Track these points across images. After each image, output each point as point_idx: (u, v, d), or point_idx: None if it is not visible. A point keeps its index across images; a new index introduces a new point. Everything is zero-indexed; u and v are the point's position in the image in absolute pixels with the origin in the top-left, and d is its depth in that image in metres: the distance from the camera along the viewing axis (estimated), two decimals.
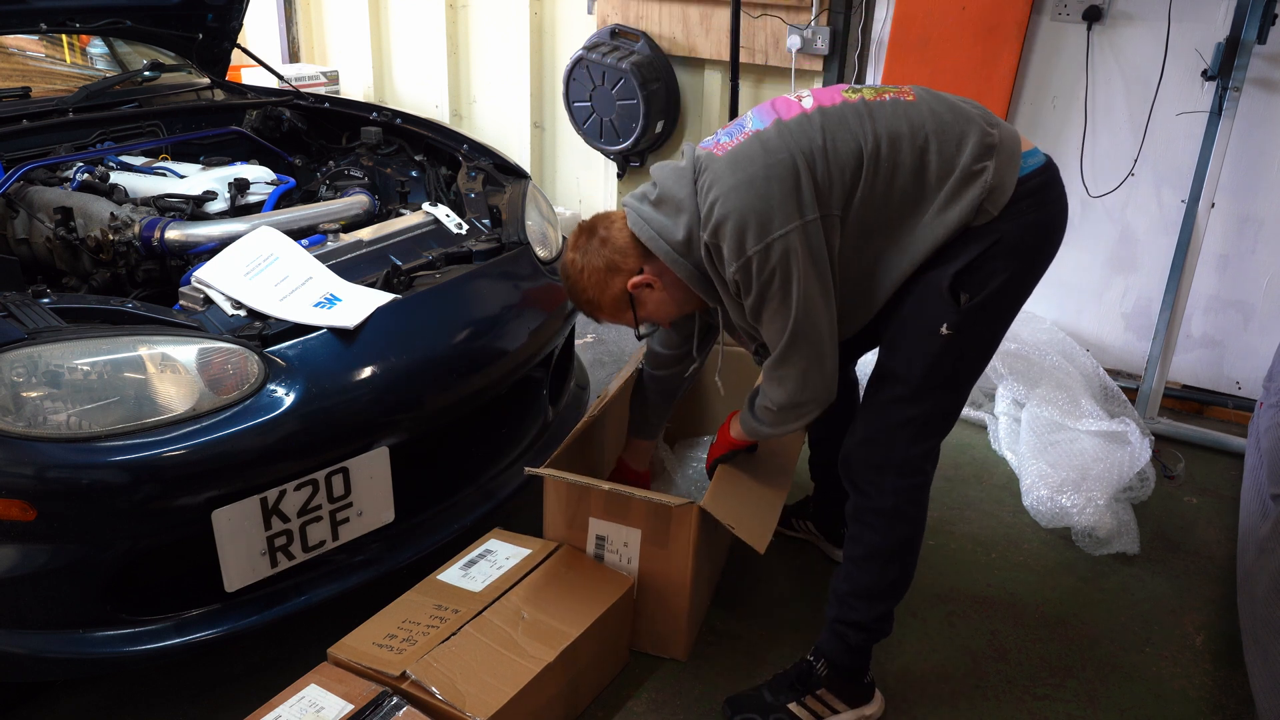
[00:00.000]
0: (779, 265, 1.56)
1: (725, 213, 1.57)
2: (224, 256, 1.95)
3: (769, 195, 1.56)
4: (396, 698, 1.60)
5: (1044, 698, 2.01)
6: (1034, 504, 2.61)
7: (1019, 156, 1.62)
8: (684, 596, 1.96)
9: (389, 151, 2.75)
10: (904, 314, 1.67)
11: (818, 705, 1.87)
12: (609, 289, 1.75)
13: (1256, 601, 1.89)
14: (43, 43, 2.94)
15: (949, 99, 1.67)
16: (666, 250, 1.68)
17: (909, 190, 1.60)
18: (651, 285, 1.74)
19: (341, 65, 5.08)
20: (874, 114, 1.61)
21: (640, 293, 1.76)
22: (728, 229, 1.57)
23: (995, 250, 1.60)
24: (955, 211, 1.58)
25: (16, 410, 1.55)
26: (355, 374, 1.81)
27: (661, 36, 3.89)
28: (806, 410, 1.74)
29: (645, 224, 1.69)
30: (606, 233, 1.75)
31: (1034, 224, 1.64)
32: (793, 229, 1.55)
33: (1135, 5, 3.01)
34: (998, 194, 1.58)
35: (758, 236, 1.56)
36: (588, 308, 1.82)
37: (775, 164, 1.57)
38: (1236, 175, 2.98)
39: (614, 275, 1.74)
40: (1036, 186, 1.63)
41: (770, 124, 1.62)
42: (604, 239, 1.74)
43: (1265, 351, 3.10)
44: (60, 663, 1.66)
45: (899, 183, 1.59)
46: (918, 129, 1.60)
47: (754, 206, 1.56)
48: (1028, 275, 1.69)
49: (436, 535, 2.01)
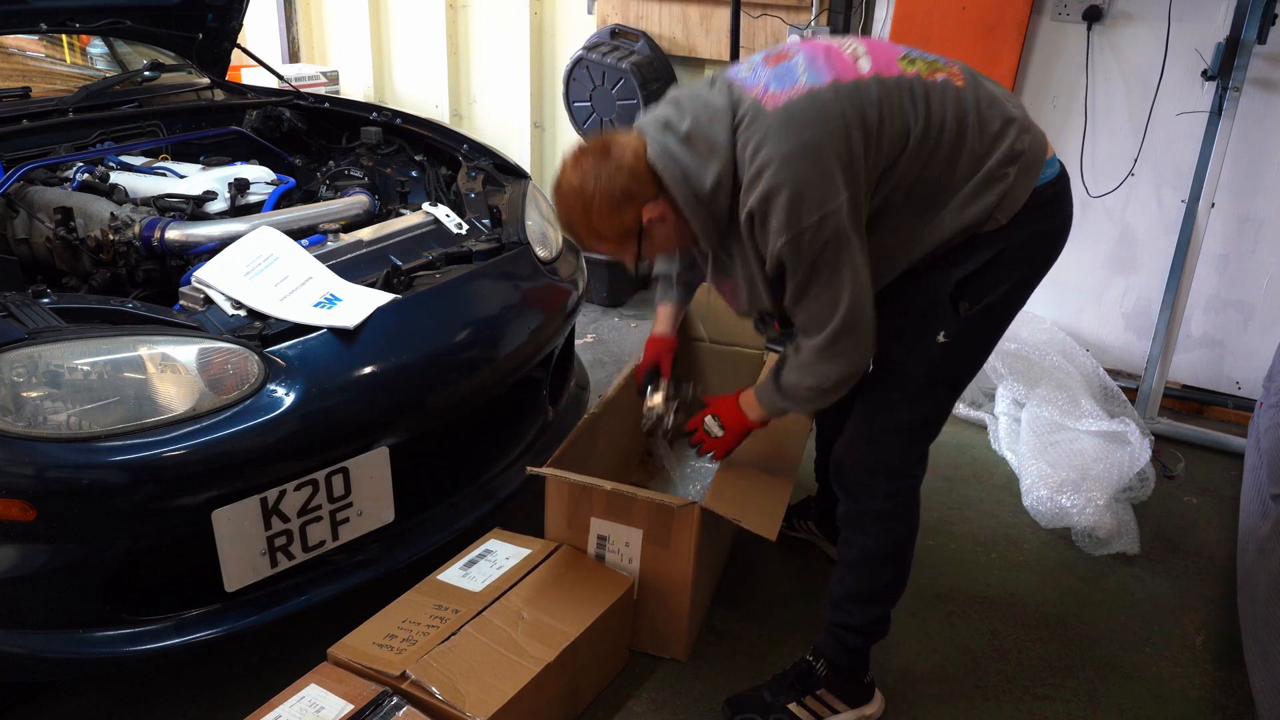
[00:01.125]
0: (832, 239, 1.48)
1: (779, 182, 1.46)
2: (224, 256, 1.95)
3: (826, 167, 1.47)
4: (396, 698, 1.60)
5: (1044, 698, 2.01)
6: (1034, 504, 2.61)
7: (1041, 165, 1.60)
8: (684, 596, 1.96)
9: (389, 151, 2.75)
10: (901, 318, 1.66)
11: (818, 705, 1.87)
12: (620, 218, 1.59)
13: (1256, 601, 1.89)
14: (43, 43, 2.94)
15: (995, 91, 1.61)
16: (688, 195, 1.54)
17: (937, 180, 1.56)
18: (664, 218, 1.61)
19: (341, 65, 5.08)
20: (929, 96, 1.54)
21: (652, 229, 1.62)
22: (781, 200, 1.46)
23: (1001, 259, 1.59)
24: (970, 212, 1.56)
25: (16, 410, 1.55)
26: (355, 374, 1.81)
27: (661, 36, 3.89)
28: (849, 384, 1.65)
29: (673, 161, 1.54)
30: (620, 156, 1.57)
31: (1040, 234, 1.63)
32: (844, 201, 1.48)
33: (1135, 5, 3.01)
34: (1010, 202, 1.57)
35: (814, 208, 1.46)
36: (589, 237, 1.64)
37: (833, 132, 1.47)
38: (1236, 175, 2.99)
39: (628, 204, 1.58)
40: (1049, 198, 1.62)
41: (827, 83, 1.51)
42: (619, 164, 1.57)
43: (1265, 351, 3.10)
44: (60, 663, 1.66)
45: (931, 172, 1.55)
46: (962, 120, 1.54)
47: (810, 178, 1.46)
48: (1029, 283, 1.69)
49: (436, 535, 2.01)
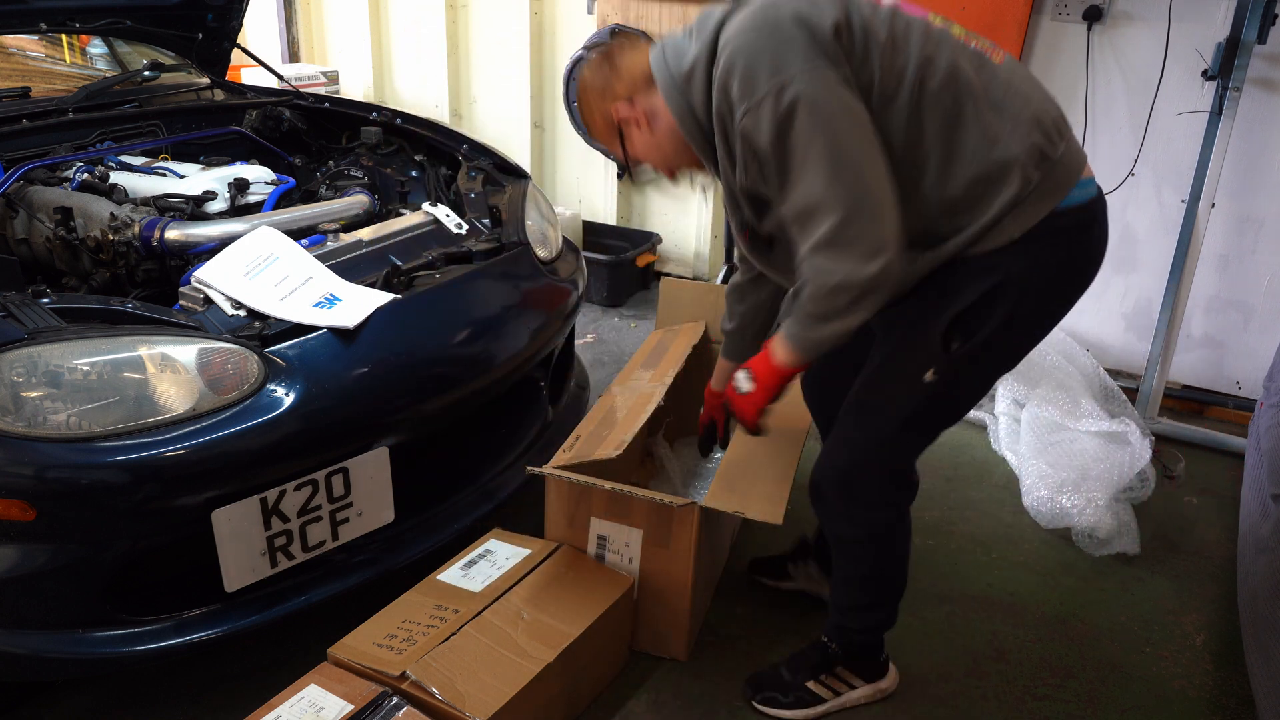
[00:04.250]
0: (799, 108, 1.35)
1: (735, 49, 1.40)
2: (224, 256, 1.95)
3: (791, 39, 1.37)
4: (396, 698, 1.59)
5: (1044, 698, 2.01)
6: (1034, 504, 2.61)
7: (1070, 183, 1.47)
8: (684, 596, 1.96)
9: (389, 151, 2.75)
10: (892, 347, 1.60)
11: (835, 682, 1.91)
12: (597, 110, 1.64)
13: (1257, 601, 1.89)
14: (43, 43, 2.94)
15: (1038, 87, 1.51)
16: (667, 76, 1.52)
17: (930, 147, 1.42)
18: (639, 124, 1.61)
19: (341, 65, 5.08)
20: (954, 48, 1.44)
21: (629, 129, 1.62)
22: (738, 69, 1.39)
23: (999, 291, 1.47)
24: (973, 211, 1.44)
25: (16, 410, 1.55)
26: (355, 374, 1.81)
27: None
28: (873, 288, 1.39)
29: (662, 51, 1.55)
30: (618, 55, 1.62)
31: (1053, 265, 1.49)
32: (812, 69, 1.35)
33: (1135, 5, 3.01)
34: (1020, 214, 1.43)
35: (770, 73, 1.36)
36: (586, 127, 1.70)
37: (811, 15, 1.39)
38: (1236, 175, 2.98)
39: (601, 98, 1.62)
40: (1072, 225, 1.48)
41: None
42: (614, 63, 1.62)
43: (1265, 351, 3.10)
44: (60, 663, 1.66)
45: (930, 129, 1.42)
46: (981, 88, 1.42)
47: (768, 47, 1.38)
48: (1035, 321, 1.54)
49: (436, 535, 2.01)
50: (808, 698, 1.91)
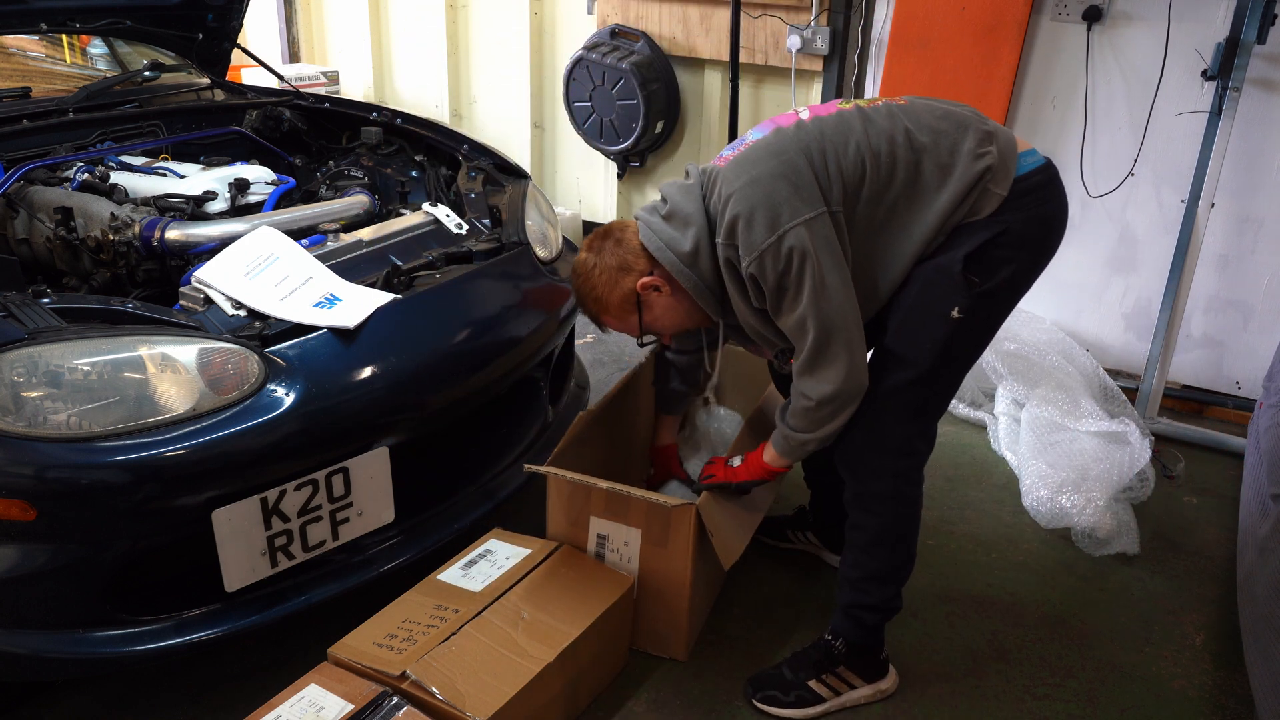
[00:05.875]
0: (794, 256, 1.61)
1: (736, 211, 1.64)
2: (224, 256, 1.95)
3: (775, 191, 1.63)
4: (396, 698, 1.60)
5: (1044, 698, 2.01)
6: (1034, 504, 2.61)
7: (1014, 159, 1.69)
8: (684, 596, 1.96)
9: (389, 151, 2.75)
10: (912, 299, 1.71)
11: (836, 681, 1.94)
12: (619, 287, 1.81)
13: (1256, 601, 1.90)
14: (43, 43, 2.94)
15: (945, 104, 1.74)
16: (673, 260, 1.74)
17: (910, 182, 1.66)
18: (659, 289, 1.81)
19: (341, 65, 5.08)
20: (870, 117, 1.69)
21: (649, 295, 1.81)
22: (740, 225, 1.64)
23: (1003, 240, 1.66)
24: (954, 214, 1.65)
25: (16, 410, 1.55)
26: (355, 374, 1.81)
27: (661, 36, 3.89)
28: (844, 403, 1.72)
29: (654, 235, 1.77)
30: (621, 235, 1.83)
31: (1037, 218, 1.70)
32: (801, 221, 1.61)
33: (1135, 5, 3.01)
34: (1000, 174, 1.64)
35: (768, 229, 1.62)
36: (595, 307, 1.86)
37: (780, 163, 1.65)
38: (1236, 175, 2.98)
39: (625, 274, 1.81)
40: (1038, 184, 1.70)
41: (770, 132, 1.72)
42: (618, 240, 1.82)
43: (1265, 351, 3.10)
44: (60, 663, 1.66)
45: (900, 176, 1.66)
46: (912, 132, 1.67)
47: (761, 201, 1.63)
48: (1031, 269, 1.75)
49: (436, 535, 2.01)
50: (808, 697, 1.92)
